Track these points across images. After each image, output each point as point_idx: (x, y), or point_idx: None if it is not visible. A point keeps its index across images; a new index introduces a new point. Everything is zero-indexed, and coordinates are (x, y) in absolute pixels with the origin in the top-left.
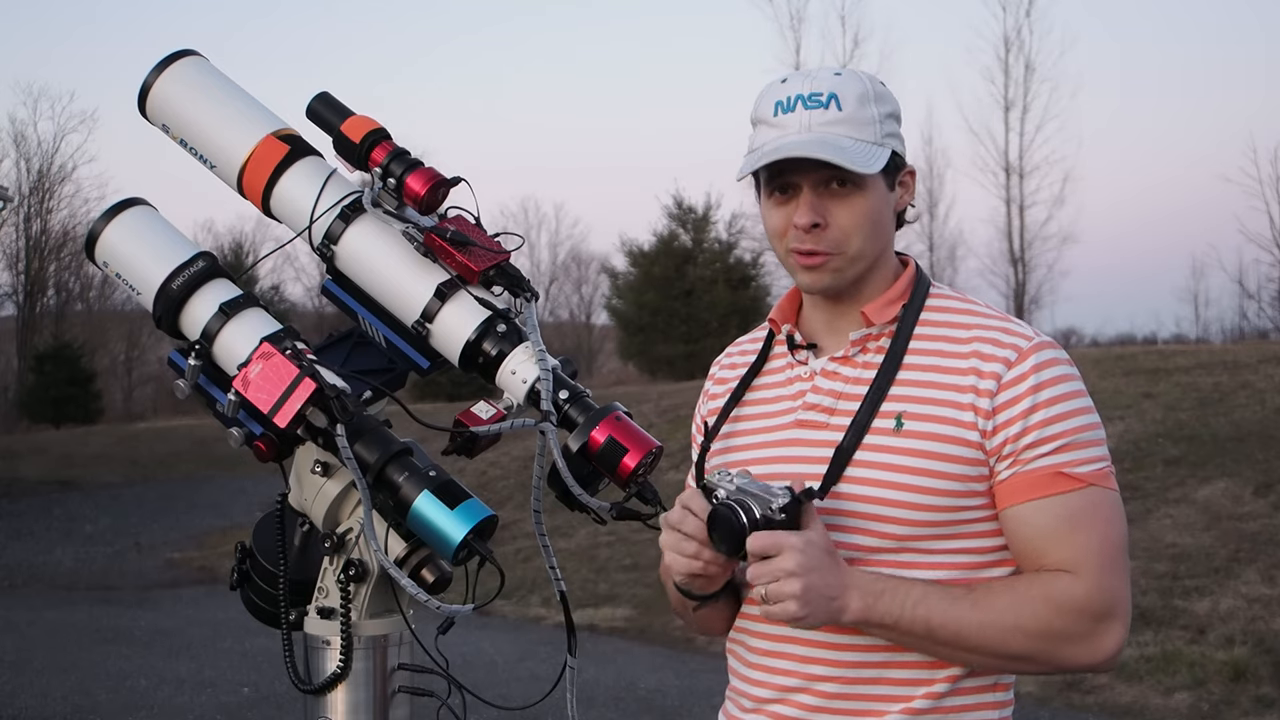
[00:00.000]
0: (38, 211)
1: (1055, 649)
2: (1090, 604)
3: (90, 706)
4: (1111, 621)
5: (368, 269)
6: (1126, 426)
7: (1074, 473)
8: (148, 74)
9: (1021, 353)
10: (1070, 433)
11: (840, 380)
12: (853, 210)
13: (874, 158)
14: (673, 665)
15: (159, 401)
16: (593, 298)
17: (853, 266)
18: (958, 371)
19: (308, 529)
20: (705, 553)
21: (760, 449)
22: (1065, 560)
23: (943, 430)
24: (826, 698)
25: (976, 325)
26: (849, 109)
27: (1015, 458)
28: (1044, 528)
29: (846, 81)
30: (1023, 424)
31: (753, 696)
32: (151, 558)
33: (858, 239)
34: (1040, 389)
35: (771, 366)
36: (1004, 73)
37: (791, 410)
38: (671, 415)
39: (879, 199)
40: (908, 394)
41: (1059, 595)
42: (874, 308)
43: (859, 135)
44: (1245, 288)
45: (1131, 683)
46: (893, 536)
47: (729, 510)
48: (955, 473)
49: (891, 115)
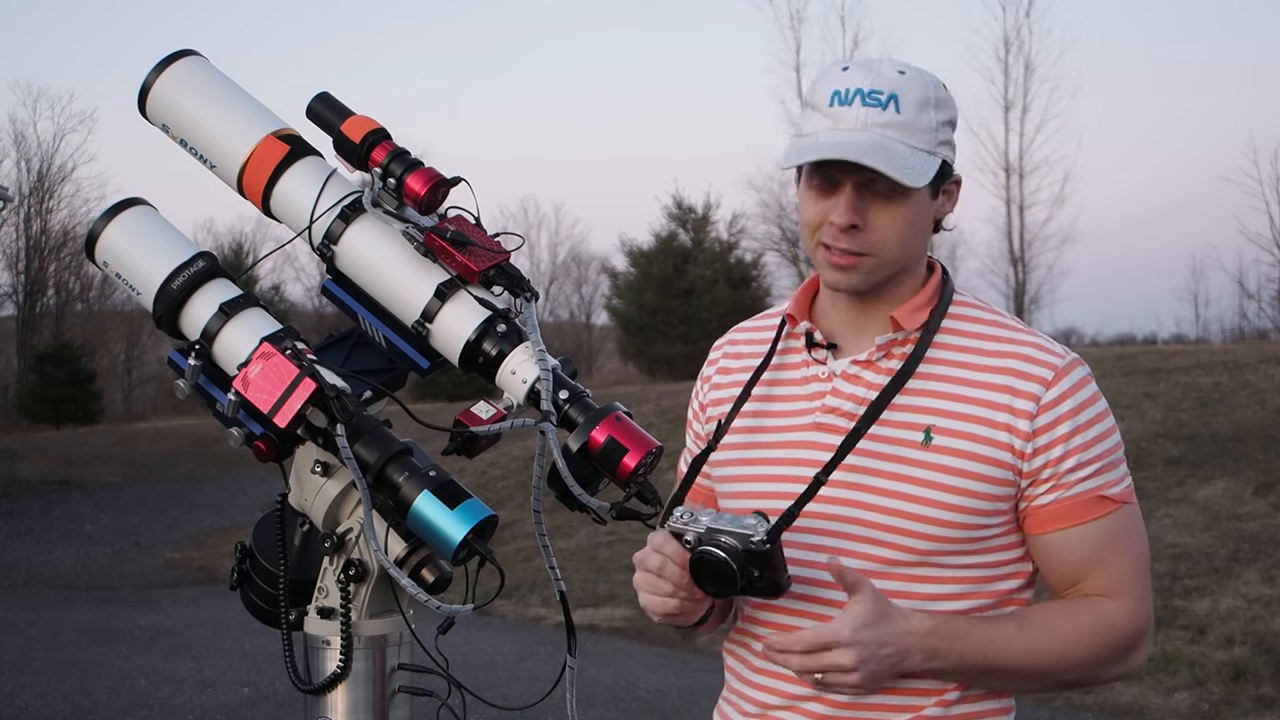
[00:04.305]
0: (38, 211)
1: (1100, 672)
2: (1135, 630)
3: (90, 706)
4: (1147, 640)
5: (368, 269)
6: (1126, 426)
7: (1111, 494)
8: (148, 74)
9: (1058, 371)
10: (1106, 454)
11: (863, 385)
12: (894, 217)
13: (925, 167)
14: (673, 665)
15: (159, 401)
16: (593, 298)
17: (883, 270)
18: (991, 388)
19: (308, 529)
20: (682, 593)
21: (777, 449)
22: (1108, 586)
23: (974, 449)
24: (838, 706)
25: (1008, 340)
26: (908, 113)
27: (1056, 481)
28: (1088, 553)
29: (910, 83)
30: (1064, 447)
31: (757, 702)
32: (151, 558)
33: (894, 246)
34: (1079, 411)
35: (785, 361)
36: (1004, 73)
37: (809, 412)
38: (671, 415)
39: (922, 207)
40: (938, 407)
41: (1106, 624)
42: (904, 312)
43: (913, 142)
44: (1245, 288)
45: (1131, 683)
46: (914, 551)
47: (710, 554)
48: (983, 491)
49: (948, 123)
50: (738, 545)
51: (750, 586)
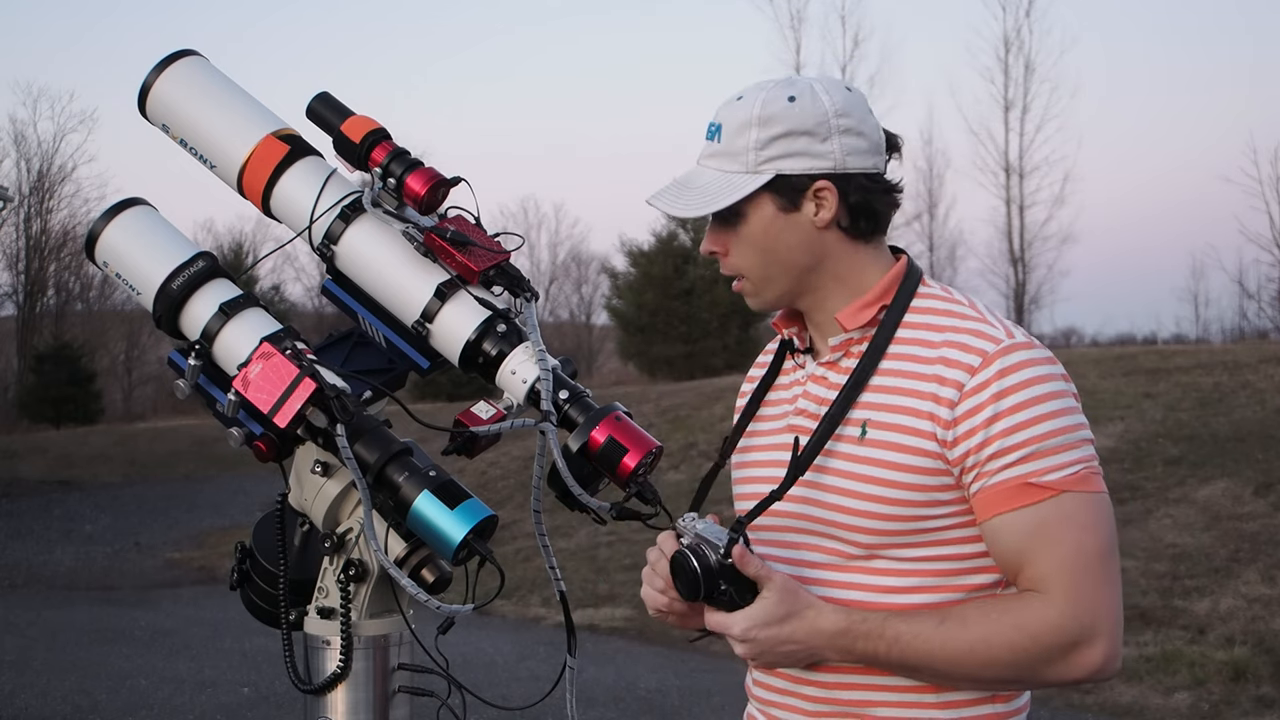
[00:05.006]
0: (38, 211)
1: (1035, 672)
2: (1062, 628)
3: (90, 706)
4: (1090, 641)
5: (367, 269)
6: (1126, 426)
7: (1042, 482)
8: (148, 74)
9: (987, 358)
10: (1036, 440)
11: (825, 386)
12: (739, 237)
13: (734, 187)
14: (673, 665)
15: (159, 401)
16: (593, 298)
17: (766, 289)
18: (922, 378)
19: (308, 529)
20: (671, 591)
21: (759, 451)
22: (1035, 579)
23: (901, 440)
24: (813, 701)
25: (949, 328)
26: (725, 140)
27: (979, 470)
28: (1015, 543)
29: (736, 108)
30: (984, 434)
31: (760, 698)
32: (151, 558)
33: (747, 263)
34: (1003, 396)
35: (784, 370)
36: (1004, 73)
37: (786, 415)
38: (671, 415)
39: (766, 223)
40: (876, 401)
41: (1030, 622)
42: (847, 313)
43: (726, 167)
44: (1245, 288)
45: (1131, 683)
46: (861, 545)
47: (683, 558)
48: (914, 483)
49: (782, 135)
50: (712, 556)
51: (714, 598)
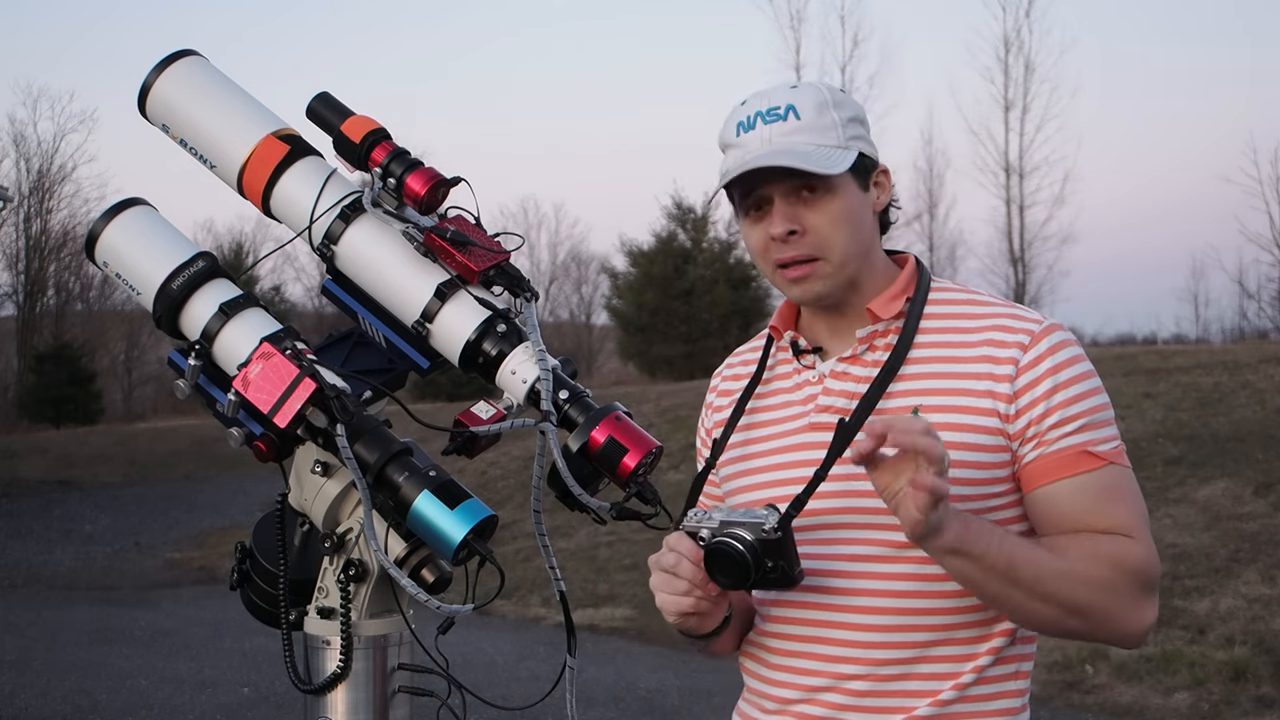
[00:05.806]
0: (38, 211)
1: (1111, 606)
2: (1147, 566)
3: (90, 706)
4: (1155, 593)
5: (367, 269)
6: (1126, 426)
7: (1098, 451)
8: (148, 74)
9: (1034, 335)
10: (1089, 412)
11: (851, 380)
12: (826, 212)
13: (838, 159)
14: (673, 665)
15: (159, 401)
16: (593, 298)
17: (840, 272)
18: (971, 360)
19: (308, 529)
20: (697, 591)
21: (774, 455)
22: (1117, 525)
23: (961, 420)
24: (857, 695)
25: (986, 315)
26: (807, 117)
27: (1040, 439)
28: (1082, 503)
29: (802, 92)
30: (1045, 405)
31: (776, 698)
32: (151, 558)
33: (838, 240)
34: (1059, 370)
35: (776, 374)
36: (1004, 73)
37: (803, 415)
38: (671, 415)
39: (853, 200)
40: (921, 387)
41: (1122, 553)
42: (879, 303)
43: (820, 141)
44: (1245, 288)
45: (1131, 683)
46: None
47: (725, 545)
48: (974, 460)
49: (854, 119)
50: (750, 536)
51: (764, 578)
